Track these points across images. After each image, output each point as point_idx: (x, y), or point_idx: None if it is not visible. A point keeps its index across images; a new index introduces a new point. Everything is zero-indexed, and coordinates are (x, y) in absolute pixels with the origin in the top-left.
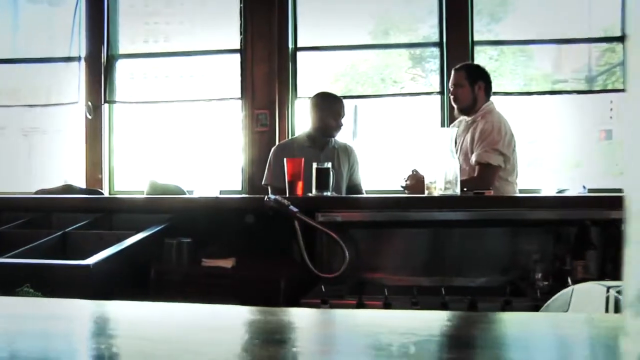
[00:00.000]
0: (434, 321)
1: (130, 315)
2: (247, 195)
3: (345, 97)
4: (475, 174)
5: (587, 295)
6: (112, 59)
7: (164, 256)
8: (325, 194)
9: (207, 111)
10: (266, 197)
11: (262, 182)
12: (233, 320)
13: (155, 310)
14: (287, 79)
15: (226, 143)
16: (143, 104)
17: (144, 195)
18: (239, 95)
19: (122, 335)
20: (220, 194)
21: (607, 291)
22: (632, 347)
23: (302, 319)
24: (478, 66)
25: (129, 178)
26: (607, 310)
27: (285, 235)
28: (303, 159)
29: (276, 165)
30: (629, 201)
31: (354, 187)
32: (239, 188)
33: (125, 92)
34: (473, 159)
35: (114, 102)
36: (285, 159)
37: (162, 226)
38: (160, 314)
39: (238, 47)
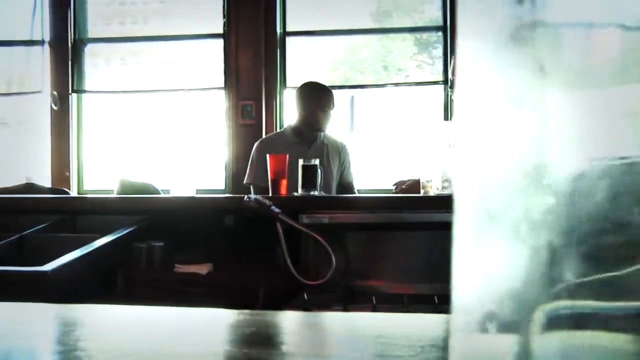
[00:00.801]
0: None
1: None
2: (225, 195)
3: (343, 87)
4: None
5: None
6: (80, 43)
7: (132, 262)
8: (312, 193)
9: (187, 102)
10: (246, 196)
11: (244, 182)
12: (201, 323)
13: (112, 313)
14: (275, 67)
15: (208, 137)
16: (115, 94)
17: (113, 195)
18: (222, 85)
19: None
20: (197, 193)
21: None
22: None
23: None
24: None
25: (100, 176)
26: None
27: (267, 239)
28: (288, 155)
29: (259, 163)
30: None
31: (346, 187)
32: (222, 187)
33: (95, 81)
34: None
35: (83, 91)
36: (268, 155)
37: (132, 229)
38: (116, 317)
39: (221, 31)
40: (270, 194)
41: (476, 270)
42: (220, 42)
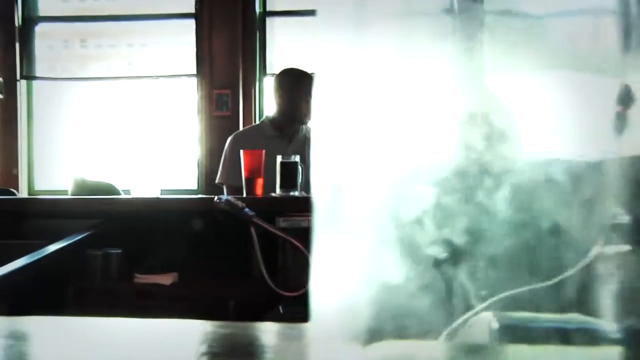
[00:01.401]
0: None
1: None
2: (192, 196)
3: None
4: None
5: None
6: (29, 22)
7: (86, 271)
8: (291, 193)
9: (154, 91)
10: (216, 197)
11: (216, 181)
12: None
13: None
14: (253, 52)
15: (178, 131)
16: (71, 81)
17: (66, 196)
18: (194, 72)
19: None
20: (163, 194)
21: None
22: None
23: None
24: None
25: (54, 174)
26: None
27: (240, 245)
28: (264, 151)
29: (232, 160)
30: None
31: None
32: (194, 187)
33: (49, 66)
34: None
35: (33, 77)
36: (242, 151)
37: (86, 234)
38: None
39: (192, 10)
40: (244, 195)
41: (335, 276)
42: (191, 23)
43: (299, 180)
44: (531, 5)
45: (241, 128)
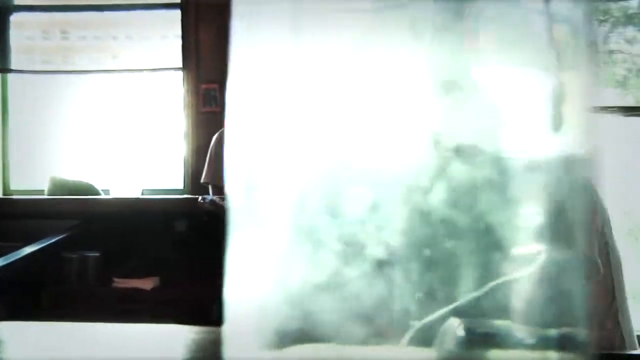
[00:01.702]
0: None
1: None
2: (175, 196)
3: None
4: None
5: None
6: (4, 11)
7: (62, 275)
8: None
9: (137, 85)
10: (200, 197)
11: (201, 180)
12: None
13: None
14: None
15: (162, 128)
16: (50, 75)
17: (43, 196)
18: (180, 65)
19: None
20: (145, 194)
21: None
22: None
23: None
24: None
25: (31, 173)
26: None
27: (225, 247)
28: None
29: (217, 159)
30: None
31: None
32: (180, 186)
33: (27, 58)
34: None
35: (8, 70)
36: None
37: (62, 236)
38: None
39: (178, 0)
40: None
41: (250, 277)
42: (177, 14)
43: None
44: None
45: None
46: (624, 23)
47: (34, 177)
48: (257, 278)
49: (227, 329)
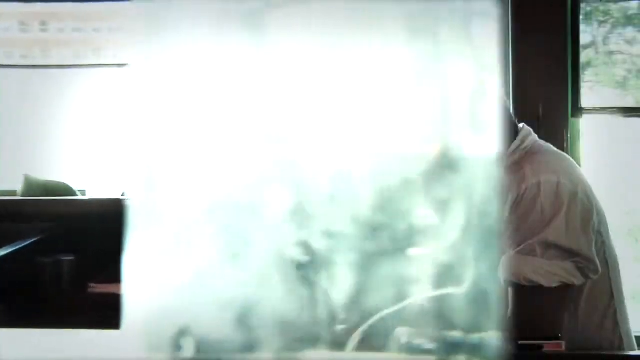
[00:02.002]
0: None
1: None
2: None
3: None
4: (511, 303)
5: None
6: None
7: (36, 280)
8: None
9: (117, 80)
10: None
11: None
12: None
13: None
14: None
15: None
16: (21, 69)
17: (15, 197)
18: None
19: None
20: (124, 195)
21: None
22: None
23: None
24: None
25: (3, 172)
26: None
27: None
28: None
29: None
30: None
31: None
32: None
33: (3, 52)
34: (500, 272)
35: None
36: None
37: (35, 239)
38: None
39: None
40: None
41: (149, 279)
42: None
43: None
44: None
45: None
46: (624, 24)
47: (5, 177)
48: (157, 279)
49: (124, 330)
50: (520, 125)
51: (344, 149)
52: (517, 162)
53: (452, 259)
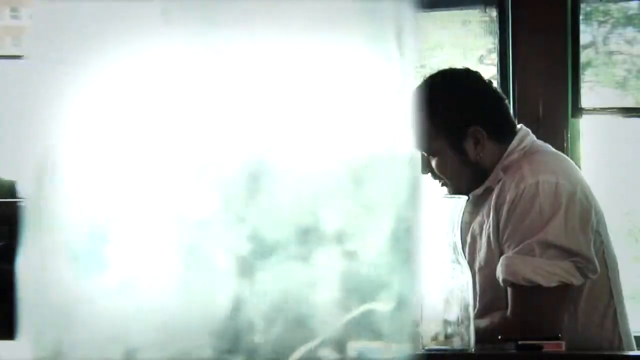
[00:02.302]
0: None
1: None
2: None
3: None
4: (509, 312)
5: None
6: None
7: None
8: None
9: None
10: None
11: None
12: None
13: None
14: None
15: None
16: None
17: None
18: None
19: None
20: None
21: None
22: None
23: None
24: (460, 82)
25: None
26: None
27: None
28: None
29: None
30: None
31: None
32: None
33: None
34: (500, 270)
35: None
36: None
37: None
38: None
39: None
40: None
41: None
42: None
43: None
44: None
45: None
46: (624, 24)
47: None
48: (57, 287)
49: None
50: (519, 125)
51: (266, 149)
52: (515, 162)
53: (370, 268)
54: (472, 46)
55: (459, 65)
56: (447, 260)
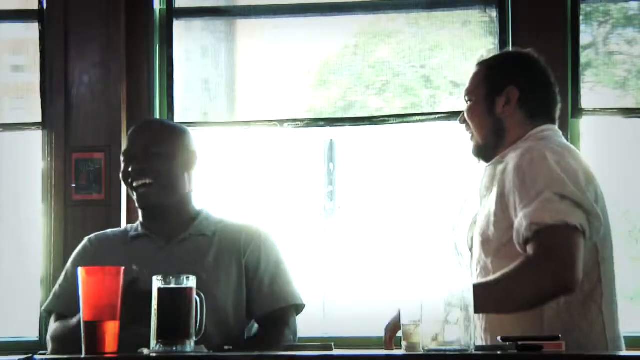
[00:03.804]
0: None
1: None
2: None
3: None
4: (531, 253)
5: None
6: None
7: None
8: (175, 348)
9: None
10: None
11: (42, 308)
12: None
13: None
14: (149, 81)
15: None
16: None
17: None
18: (39, 119)
19: None
20: None
21: None
22: None
23: None
24: (520, 55)
25: None
26: None
27: None
28: (123, 269)
29: (73, 276)
30: None
31: (269, 305)
32: (35, 334)
33: None
34: (521, 224)
35: None
36: (80, 269)
37: None
38: None
39: (36, 6)
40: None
41: None
42: (34, 28)
43: (194, 318)
44: None
45: (123, 222)
46: (624, 24)
47: None
48: None
49: None
50: (554, 125)
51: None
52: (503, 156)
53: None
54: (472, 46)
55: (458, 65)
56: (447, 260)
